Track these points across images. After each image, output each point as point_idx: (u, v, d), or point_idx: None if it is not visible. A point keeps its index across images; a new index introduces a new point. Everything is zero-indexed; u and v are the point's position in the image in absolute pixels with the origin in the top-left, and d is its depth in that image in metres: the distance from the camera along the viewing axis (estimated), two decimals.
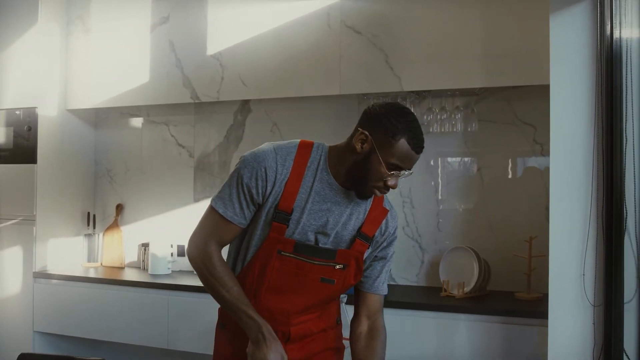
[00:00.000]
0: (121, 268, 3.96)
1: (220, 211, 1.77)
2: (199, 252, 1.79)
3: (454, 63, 3.01)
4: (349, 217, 1.80)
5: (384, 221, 1.87)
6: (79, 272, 3.74)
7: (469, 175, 3.33)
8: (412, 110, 3.27)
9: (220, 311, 1.96)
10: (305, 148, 1.79)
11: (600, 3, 2.29)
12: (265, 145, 1.79)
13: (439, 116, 3.26)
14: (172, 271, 3.77)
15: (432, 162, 3.37)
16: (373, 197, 1.82)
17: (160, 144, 4.02)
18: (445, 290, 3.05)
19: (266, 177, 1.73)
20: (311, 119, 3.61)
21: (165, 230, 3.92)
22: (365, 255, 1.87)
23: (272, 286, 1.81)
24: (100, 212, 4.17)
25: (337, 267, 1.81)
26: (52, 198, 3.84)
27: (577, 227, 2.37)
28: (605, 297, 2.32)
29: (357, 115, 3.42)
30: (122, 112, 4.10)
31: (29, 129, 3.75)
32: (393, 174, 1.70)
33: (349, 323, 2.71)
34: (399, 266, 3.38)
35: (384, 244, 1.90)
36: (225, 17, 3.50)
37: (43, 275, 3.69)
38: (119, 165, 4.14)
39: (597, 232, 2.34)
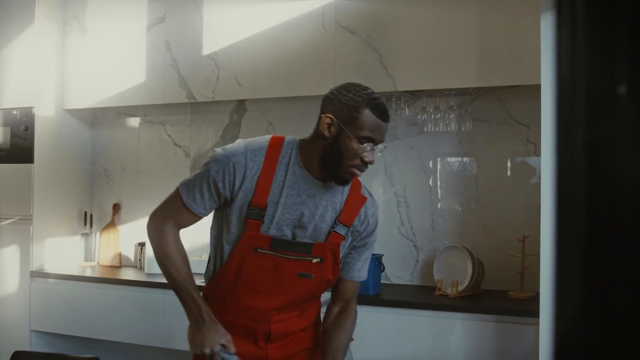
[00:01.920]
0: (118, 267, 3.98)
1: (183, 198, 1.81)
2: (157, 228, 1.83)
3: (448, 63, 3.02)
4: (325, 209, 1.80)
5: (362, 209, 1.87)
6: (75, 271, 3.76)
7: (463, 174, 3.34)
8: (406, 110, 3.32)
9: (207, 285, 1.94)
10: (276, 143, 1.80)
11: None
12: (237, 142, 1.81)
13: (432, 116, 3.27)
14: None
15: (426, 162, 3.39)
16: (350, 186, 1.84)
17: (157, 144, 4.04)
18: (439, 289, 3.07)
19: (234, 173, 1.75)
20: (306, 119, 3.57)
21: None
22: (345, 246, 1.88)
23: (249, 284, 1.81)
24: (97, 211, 4.18)
25: (314, 260, 1.82)
26: (49, 197, 3.86)
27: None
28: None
29: None
30: (119, 112, 4.12)
31: (26, 128, 3.76)
32: (367, 148, 1.71)
33: None
34: (394, 265, 3.39)
35: (364, 233, 1.90)
36: (221, 18, 3.51)
37: (40, 274, 3.70)
38: (116, 164, 4.15)
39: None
